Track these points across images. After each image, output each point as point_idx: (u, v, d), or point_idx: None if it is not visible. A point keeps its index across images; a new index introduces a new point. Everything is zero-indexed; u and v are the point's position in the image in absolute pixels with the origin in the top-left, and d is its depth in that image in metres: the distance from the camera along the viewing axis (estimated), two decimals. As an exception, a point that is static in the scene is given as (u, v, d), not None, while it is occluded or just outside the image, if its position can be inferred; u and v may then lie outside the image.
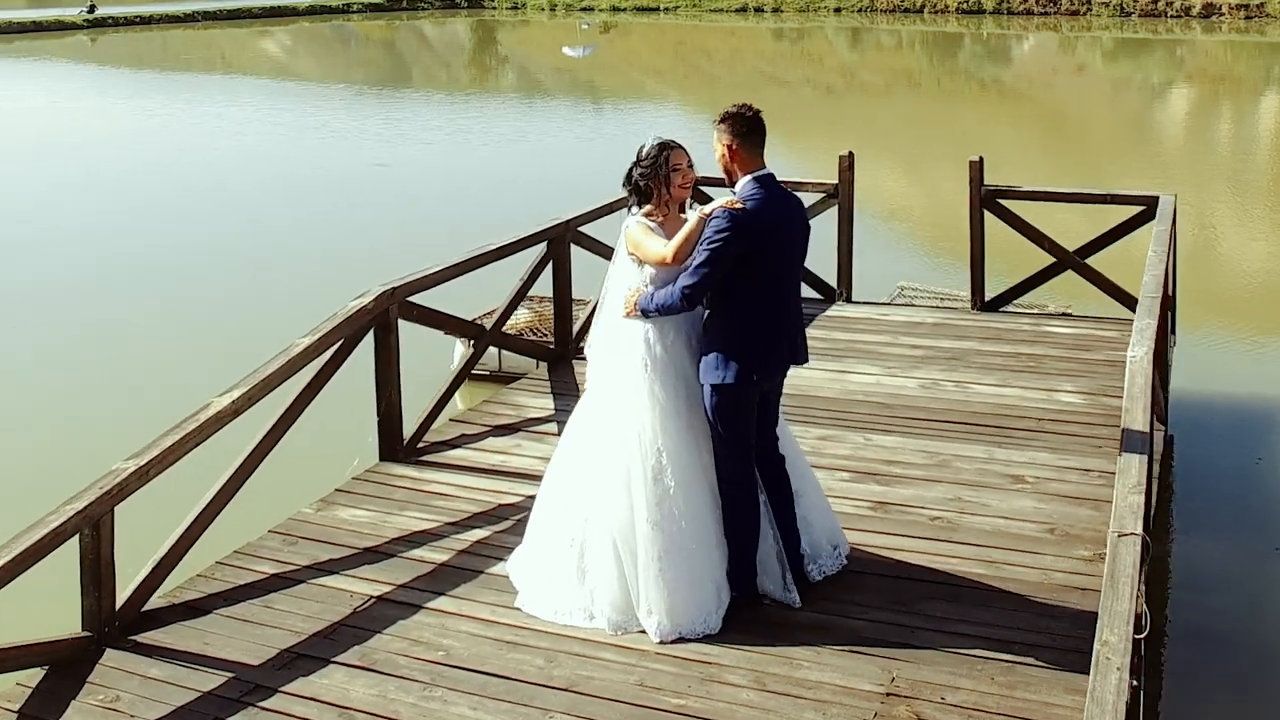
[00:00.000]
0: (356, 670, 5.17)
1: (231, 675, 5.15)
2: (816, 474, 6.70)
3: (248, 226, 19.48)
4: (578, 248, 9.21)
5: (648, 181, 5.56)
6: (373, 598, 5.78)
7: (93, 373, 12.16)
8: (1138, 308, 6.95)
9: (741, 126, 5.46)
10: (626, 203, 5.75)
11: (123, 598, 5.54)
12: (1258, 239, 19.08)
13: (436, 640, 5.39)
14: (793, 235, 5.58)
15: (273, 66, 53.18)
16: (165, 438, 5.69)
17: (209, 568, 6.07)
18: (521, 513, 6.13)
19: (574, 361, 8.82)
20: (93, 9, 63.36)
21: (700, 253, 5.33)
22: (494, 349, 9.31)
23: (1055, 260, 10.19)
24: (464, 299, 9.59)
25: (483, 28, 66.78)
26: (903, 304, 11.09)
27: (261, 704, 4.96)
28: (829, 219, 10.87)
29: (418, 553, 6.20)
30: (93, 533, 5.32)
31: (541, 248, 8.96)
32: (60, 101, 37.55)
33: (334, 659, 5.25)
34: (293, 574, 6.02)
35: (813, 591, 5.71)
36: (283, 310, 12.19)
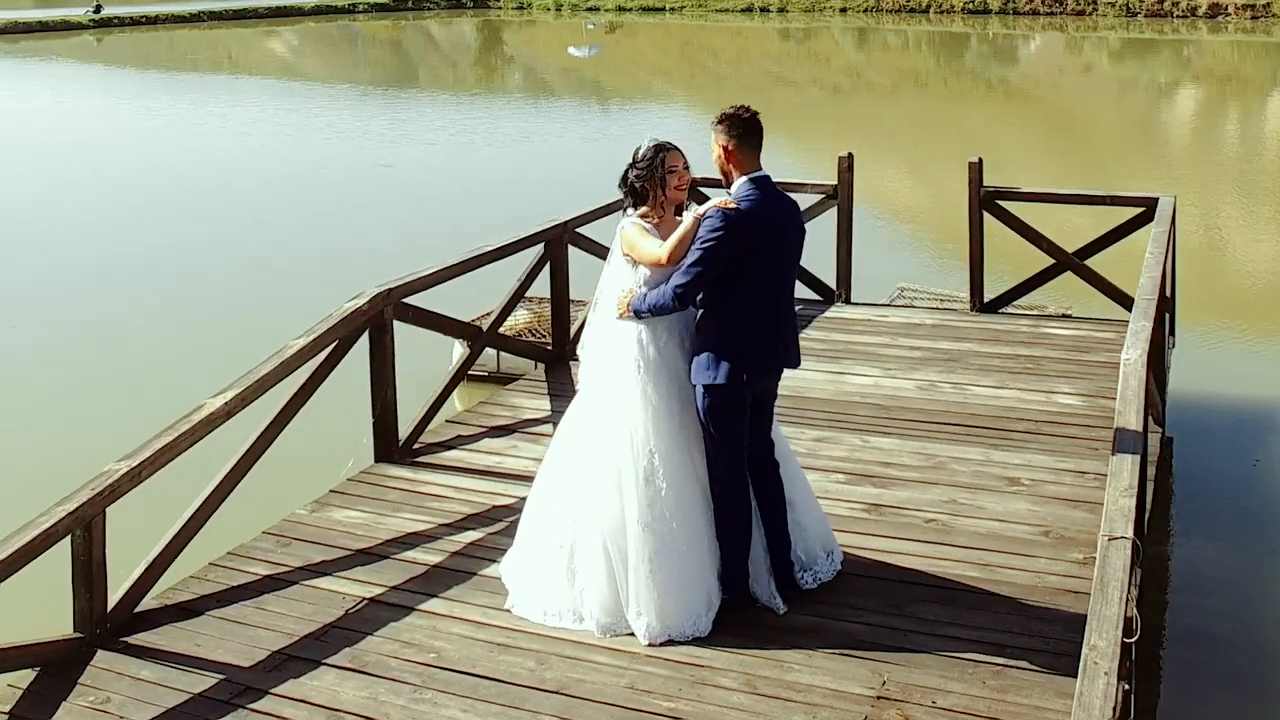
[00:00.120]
0: (347, 672, 5.17)
1: (222, 677, 5.15)
2: (812, 476, 6.69)
3: (250, 227, 19.47)
4: (576, 249, 9.21)
5: (644, 183, 5.54)
6: (365, 599, 5.77)
7: (93, 373, 12.16)
8: (1133, 310, 6.93)
9: (738, 128, 5.45)
10: (623, 204, 5.73)
11: (115, 599, 5.54)
12: (1262, 239, 19.03)
13: (428, 642, 5.38)
14: (788, 237, 5.57)
15: (279, 66, 53.23)
16: (157, 439, 5.69)
17: (202, 569, 6.06)
18: (515, 514, 6.12)
19: (571, 363, 8.78)
20: (98, 9, 63.48)
21: (693, 252, 5.32)
22: (493, 350, 9.32)
23: (1054, 262, 10.16)
24: (464, 300, 9.61)
25: (488, 28, 66.80)
26: (902, 305, 11.06)
27: (251, 706, 4.96)
28: (829, 220, 10.87)
29: (411, 554, 6.20)
30: (84, 534, 5.32)
31: (539, 248, 8.95)
32: (65, 101, 37.59)
33: (325, 661, 5.25)
34: (285, 575, 6.01)
35: (806, 594, 5.70)
36: (283, 310, 12.17)
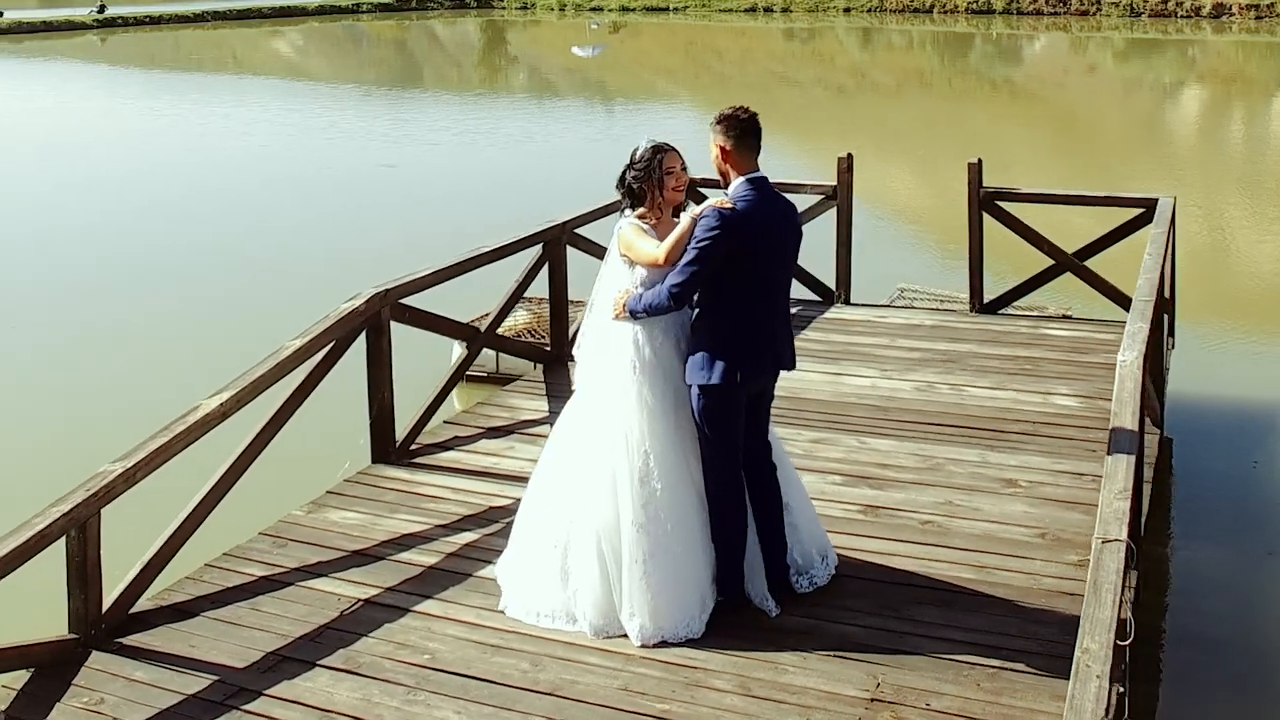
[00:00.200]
0: (341, 673, 5.17)
1: (216, 678, 5.15)
2: (809, 477, 6.70)
3: (252, 227, 19.48)
4: (574, 249, 9.20)
5: (641, 184, 5.54)
6: (360, 600, 5.77)
7: (93, 373, 12.16)
8: (1130, 311, 6.92)
9: (736, 128, 5.45)
10: (620, 205, 5.73)
11: (110, 600, 5.54)
12: (1266, 240, 18.99)
13: (422, 644, 5.38)
14: (784, 238, 5.56)
15: (284, 66, 53.28)
16: (152, 440, 5.69)
17: (197, 570, 6.06)
18: (511, 516, 6.10)
19: (570, 363, 8.77)
20: (102, 9, 63.60)
21: (689, 251, 5.32)
22: (493, 351, 9.31)
23: (1054, 263, 10.14)
24: (464, 301, 9.61)
25: (492, 28, 66.83)
26: (902, 306, 11.04)
27: (245, 707, 4.96)
28: (829, 220, 10.85)
29: (406, 555, 6.20)
30: (79, 535, 5.32)
31: (538, 249, 8.94)
32: (69, 102, 37.66)
33: (319, 662, 5.25)
34: (281, 576, 6.01)
35: (801, 596, 5.69)
36: (285, 311, 12.16)
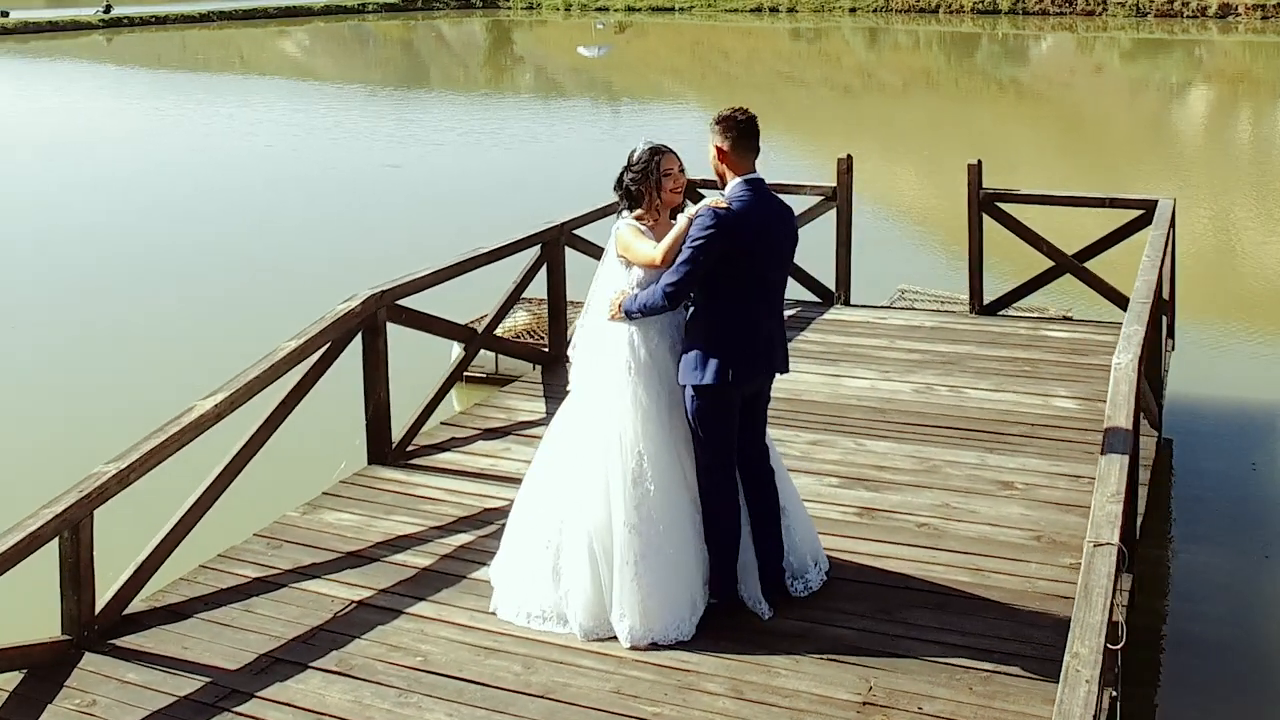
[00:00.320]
0: (333, 675, 5.16)
1: (208, 680, 5.15)
2: (805, 479, 6.72)
3: (255, 227, 19.49)
4: (573, 250, 9.18)
5: (639, 186, 5.54)
6: (353, 602, 5.76)
7: (93, 373, 12.18)
8: (1127, 314, 6.90)
9: (733, 130, 5.45)
10: (618, 207, 5.72)
11: (103, 601, 5.55)
12: (1271, 240, 18.93)
13: (415, 646, 5.37)
14: (780, 240, 5.55)
15: (290, 66, 53.32)
16: (146, 441, 5.69)
17: (191, 571, 6.06)
18: (507, 517, 6.09)
19: (568, 364, 8.77)
20: (108, 9, 63.66)
21: (684, 250, 5.32)
22: (493, 352, 9.30)
23: (1054, 264, 10.12)
24: (464, 301, 9.59)
25: (498, 28, 66.84)
26: (902, 307, 11.01)
27: (236, 709, 4.96)
28: (830, 221, 10.83)
29: (401, 557, 6.19)
30: (72, 536, 5.33)
31: (536, 250, 8.93)
32: (75, 102, 37.70)
33: (311, 664, 5.24)
34: (275, 578, 6.01)
35: (795, 599, 5.67)
36: (285, 310, 12.15)
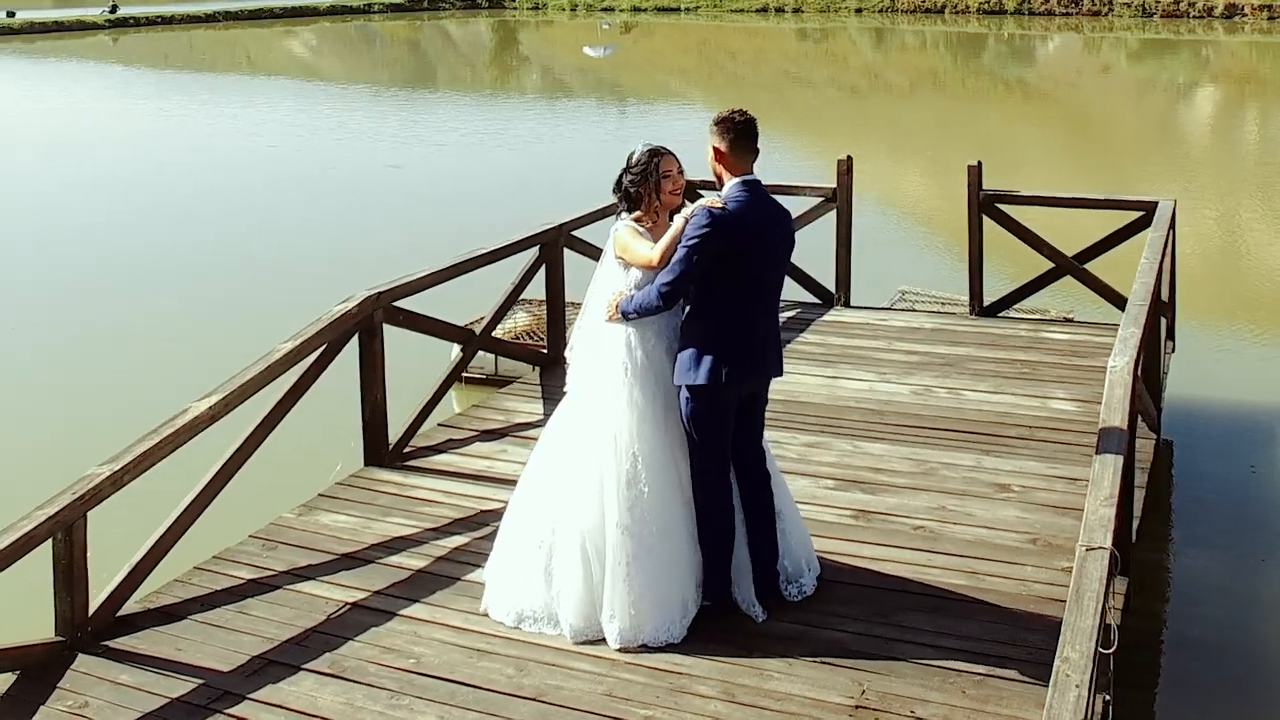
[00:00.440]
0: (326, 678, 5.16)
1: (201, 682, 5.14)
2: (801, 481, 6.72)
3: (255, 227, 19.52)
4: (572, 252, 9.17)
5: (638, 188, 5.55)
6: (347, 604, 5.76)
7: (93, 373, 12.19)
8: (1124, 316, 6.88)
9: (731, 131, 5.46)
10: (617, 209, 5.72)
11: (97, 603, 5.54)
12: (1277, 242, 18.89)
13: (408, 648, 5.37)
14: (776, 242, 5.55)
15: (297, 66, 53.37)
16: (140, 443, 5.69)
17: (187, 572, 6.06)
18: (502, 519, 6.10)
19: (566, 366, 8.76)
20: (114, 9, 63.76)
21: (679, 250, 5.32)
22: (491, 353, 9.29)
23: (1054, 266, 10.09)
24: (464, 302, 9.58)
25: (504, 28, 66.85)
26: (903, 309, 10.99)
27: (229, 711, 4.95)
28: (831, 222, 10.81)
29: (396, 559, 6.19)
30: (65, 538, 5.33)
31: (535, 251, 8.92)
32: (80, 102, 37.75)
33: (304, 666, 5.24)
34: (270, 579, 6.01)
35: (789, 602, 5.65)
36: (285, 311, 12.15)
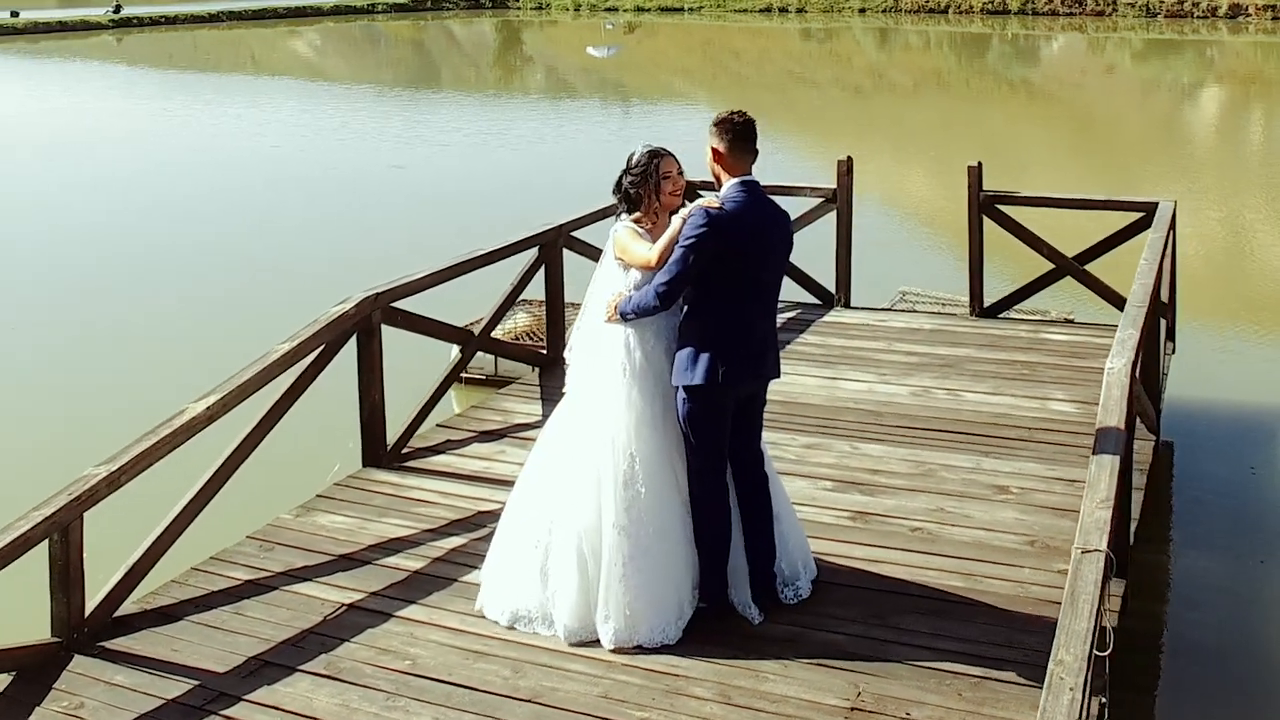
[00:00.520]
0: (321, 679, 5.15)
1: (196, 683, 5.14)
2: (799, 483, 6.71)
3: (255, 227, 19.53)
4: (571, 253, 9.16)
5: (638, 189, 5.55)
6: (344, 605, 5.75)
7: (93, 373, 12.20)
8: (1122, 318, 6.86)
9: (729, 132, 5.46)
10: (617, 210, 5.72)
11: (94, 604, 5.54)
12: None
13: (404, 649, 5.36)
14: (774, 244, 5.54)
15: (302, 66, 53.40)
16: (136, 444, 5.69)
17: (183, 573, 6.06)
18: (499, 520, 6.10)
19: (565, 366, 8.75)
20: (118, 9, 63.83)
21: (676, 250, 5.32)
22: (490, 354, 9.28)
23: (1054, 267, 10.07)
24: (464, 303, 9.57)
25: (507, 28, 66.87)
26: (903, 310, 10.97)
27: (224, 712, 4.95)
28: (832, 223, 10.80)
29: (393, 560, 6.18)
30: (61, 539, 5.32)
31: (534, 252, 8.92)
32: (84, 102, 37.79)
33: (300, 667, 5.24)
34: (267, 580, 6.00)
35: (787, 604, 5.65)
36: (285, 311, 12.15)
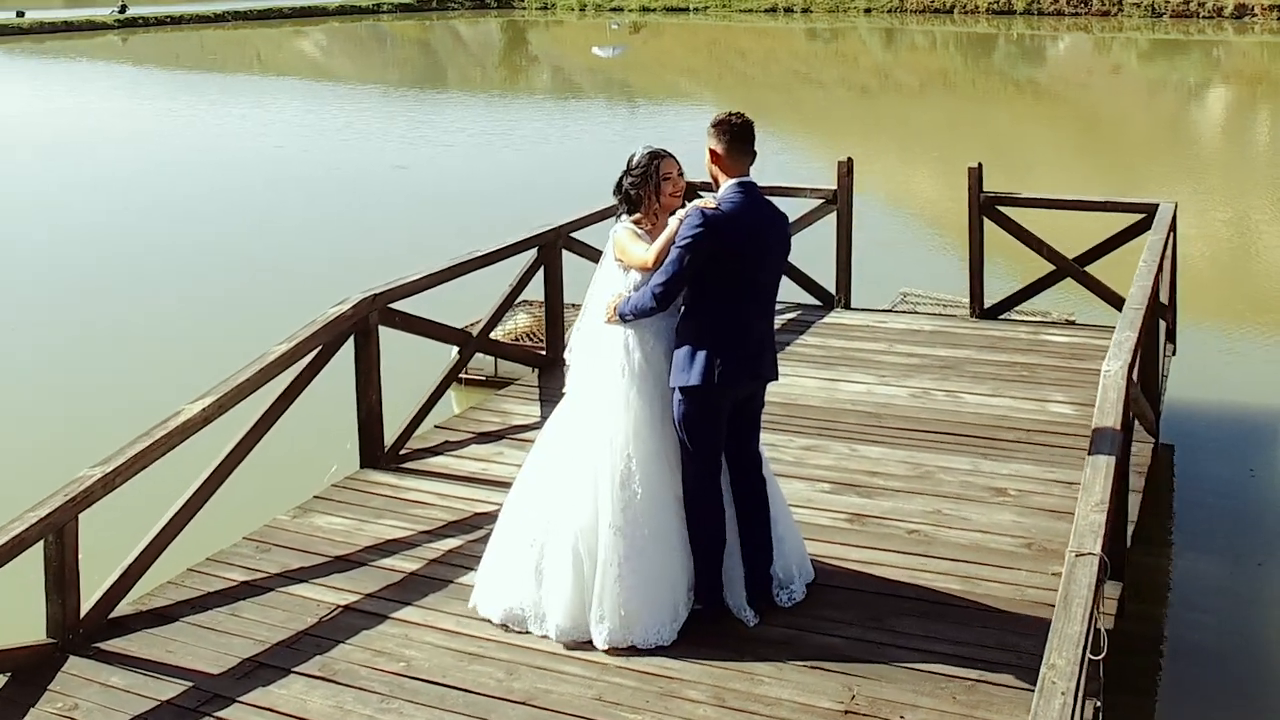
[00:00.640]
0: (316, 680, 5.15)
1: (191, 684, 5.14)
2: (797, 485, 6.70)
3: (255, 227, 19.55)
4: (571, 253, 9.15)
5: (638, 190, 5.55)
6: (340, 607, 5.75)
7: (93, 373, 12.21)
8: (1120, 320, 6.84)
9: (727, 133, 5.47)
10: (617, 211, 5.72)
11: (89, 605, 5.54)
12: (1281, 243, 18.85)
13: (399, 651, 5.36)
14: (772, 245, 5.54)
15: (308, 67, 53.45)
16: (132, 445, 5.69)
17: (179, 575, 6.06)
18: (496, 521, 6.09)
19: (565, 368, 8.74)
20: (124, 9, 63.90)
21: (672, 250, 5.33)
22: (489, 355, 9.27)
23: (1055, 268, 10.05)
24: (464, 303, 9.57)
25: (513, 28, 66.89)
26: (903, 311, 10.95)
27: (218, 714, 4.95)
28: (832, 224, 10.79)
29: (389, 561, 6.18)
30: (56, 540, 5.33)
31: (533, 253, 8.91)
32: (89, 102, 37.83)
33: (294, 669, 5.23)
34: (263, 582, 6.00)
35: (782, 607, 5.64)
36: (285, 311, 12.15)
